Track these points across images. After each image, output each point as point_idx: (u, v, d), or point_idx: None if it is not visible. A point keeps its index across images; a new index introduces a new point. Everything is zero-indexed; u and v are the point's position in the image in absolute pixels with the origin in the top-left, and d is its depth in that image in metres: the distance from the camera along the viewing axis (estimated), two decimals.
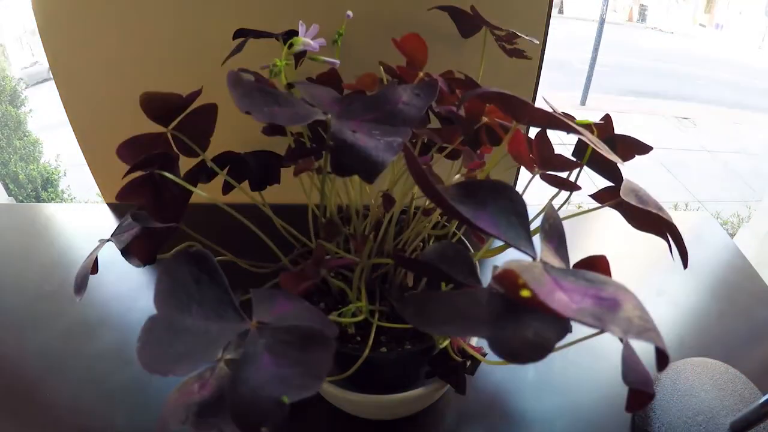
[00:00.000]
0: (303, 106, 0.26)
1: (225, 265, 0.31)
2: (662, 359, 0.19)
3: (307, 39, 0.36)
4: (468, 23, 0.46)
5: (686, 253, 0.31)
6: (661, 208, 0.31)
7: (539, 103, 0.39)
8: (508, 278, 0.17)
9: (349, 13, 0.42)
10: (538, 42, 0.43)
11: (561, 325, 0.19)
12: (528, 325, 0.19)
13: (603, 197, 0.34)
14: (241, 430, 0.19)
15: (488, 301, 0.21)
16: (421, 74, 0.39)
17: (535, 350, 0.18)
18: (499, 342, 0.19)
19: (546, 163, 0.34)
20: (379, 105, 0.27)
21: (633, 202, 0.30)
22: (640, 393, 0.24)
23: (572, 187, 0.34)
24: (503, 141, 0.32)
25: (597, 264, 0.27)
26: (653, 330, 0.18)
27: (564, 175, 0.35)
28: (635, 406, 0.24)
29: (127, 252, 0.31)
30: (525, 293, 0.17)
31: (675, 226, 0.30)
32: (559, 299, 0.18)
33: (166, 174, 0.31)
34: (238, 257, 0.36)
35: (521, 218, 0.22)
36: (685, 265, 0.31)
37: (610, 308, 0.18)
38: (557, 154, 0.34)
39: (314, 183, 0.40)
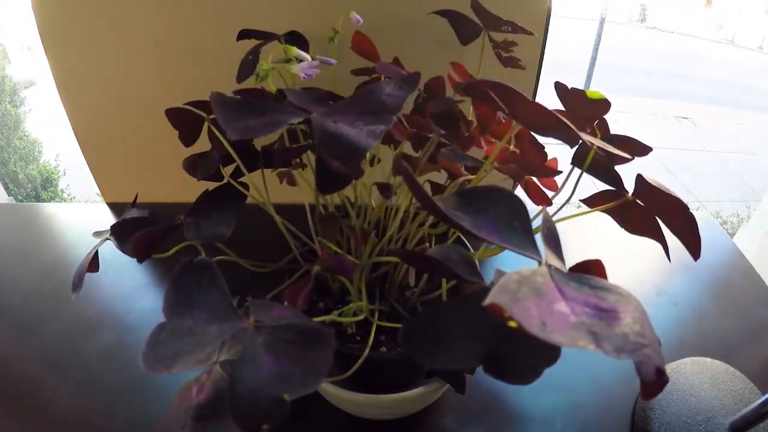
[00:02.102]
0: (282, 111, 0.26)
1: (227, 264, 0.31)
2: (660, 376, 0.18)
3: (298, 70, 0.35)
4: (467, 28, 0.46)
5: (699, 243, 0.30)
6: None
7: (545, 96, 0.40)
8: (494, 310, 0.17)
9: (359, 18, 0.42)
10: (537, 35, 0.43)
11: (553, 349, 0.19)
12: (521, 346, 0.19)
13: (596, 202, 0.34)
14: (242, 430, 0.19)
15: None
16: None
17: (526, 373, 0.18)
18: (491, 364, 0.19)
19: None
20: (363, 100, 0.27)
21: (657, 186, 0.29)
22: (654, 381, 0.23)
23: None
24: (502, 141, 0.32)
25: (592, 268, 0.27)
26: (650, 346, 0.17)
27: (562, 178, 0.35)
28: (651, 394, 0.24)
29: (123, 242, 0.31)
30: (512, 324, 0.17)
31: (694, 218, 0.30)
32: (558, 311, 0.18)
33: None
34: (239, 255, 0.36)
35: (523, 222, 0.22)
36: (696, 256, 0.31)
37: (609, 321, 0.18)
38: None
39: (309, 183, 0.40)
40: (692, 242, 0.31)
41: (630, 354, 0.17)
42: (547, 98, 0.37)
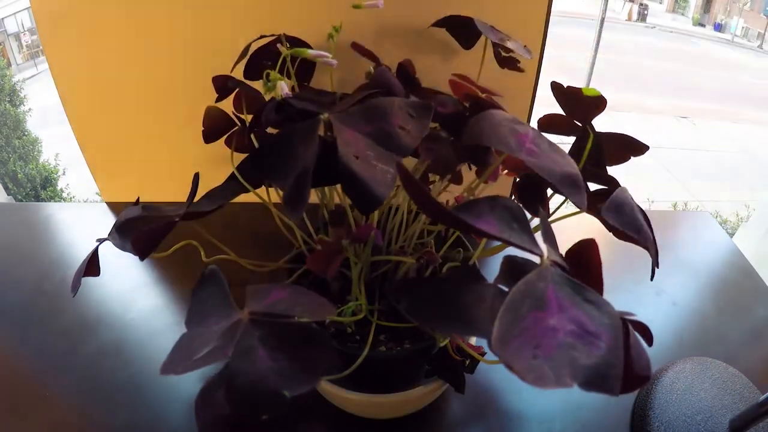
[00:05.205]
0: (305, 142, 0.27)
1: (226, 264, 0.31)
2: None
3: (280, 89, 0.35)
4: (467, 33, 0.45)
5: (656, 264, 0.31)
6: (640, 229, 0.29)
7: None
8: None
9: (380, 2, 0.42)
10: (531, 57, 0.43)
11: None
12: None
13: (589, 203, 0.33)
14: (241, 419, 0.19)
15: (492, 299, 0.21)
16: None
17: None
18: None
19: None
20: (375, 117, 0.27)
21: (611, 222, 0.28)
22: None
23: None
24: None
25: (586, 248, 0.27)
26: (616, 377, 0.18)
27: None
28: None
29: (125, 240, 0.32)
30: None
31: (654, 248, 0.30)
32: (551, 327, 0.19)
33: None
34: (239, 255, 0.36)
35: (522, 223, 0.22)
36: (652, 277, 0.31)
37: (589, 348, 0.19)
38: None
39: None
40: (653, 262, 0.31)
41: (596, 389, 0.18)
42: (547, 98, 0.37)
